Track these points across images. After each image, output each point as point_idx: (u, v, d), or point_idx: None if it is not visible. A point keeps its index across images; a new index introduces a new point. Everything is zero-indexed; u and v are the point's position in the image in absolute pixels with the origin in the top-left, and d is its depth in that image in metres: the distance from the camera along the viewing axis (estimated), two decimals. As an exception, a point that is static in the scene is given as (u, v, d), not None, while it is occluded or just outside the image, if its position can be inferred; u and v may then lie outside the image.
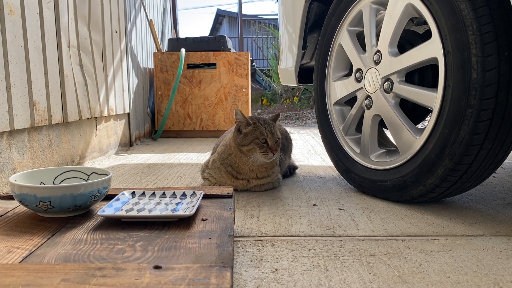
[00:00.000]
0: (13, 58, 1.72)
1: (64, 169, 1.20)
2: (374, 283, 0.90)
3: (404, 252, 1.08)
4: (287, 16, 2.23)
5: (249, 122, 1.65)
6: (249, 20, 12.11)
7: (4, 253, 0.82)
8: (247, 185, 1.73)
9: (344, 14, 1.76)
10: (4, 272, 0.70)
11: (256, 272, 0.96)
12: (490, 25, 1.18)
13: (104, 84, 2.72)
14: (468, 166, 1.29)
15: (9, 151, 1.72)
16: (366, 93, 1.65)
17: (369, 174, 1.63)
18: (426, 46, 1.37)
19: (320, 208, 1.49)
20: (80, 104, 2.32)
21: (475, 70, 1.20)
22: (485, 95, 1.19)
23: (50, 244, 0.87)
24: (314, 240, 1.17)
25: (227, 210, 1.09)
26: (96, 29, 2.60)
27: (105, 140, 2.81)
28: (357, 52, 1.71)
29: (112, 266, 0.72)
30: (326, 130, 1.92)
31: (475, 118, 1.22)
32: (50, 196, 0.98)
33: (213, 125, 3.97)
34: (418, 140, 1.41)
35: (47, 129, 2.04)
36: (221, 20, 18.47)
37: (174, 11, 5.33)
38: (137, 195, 1.18)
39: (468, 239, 1.17)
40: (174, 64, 3.88)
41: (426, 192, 1.41)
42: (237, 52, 3.93)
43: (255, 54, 11.38)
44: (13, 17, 1.72)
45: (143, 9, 3.81)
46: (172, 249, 0.83)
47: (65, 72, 2.17)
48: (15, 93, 1.72)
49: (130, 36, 3.41)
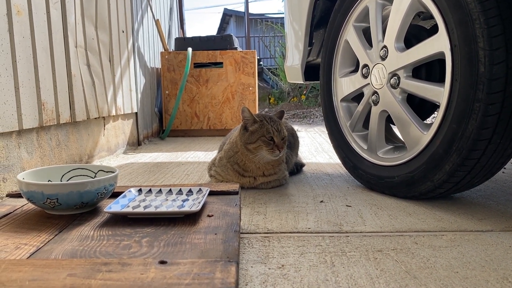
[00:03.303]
0: (21, 58, 1.73)
1: (72, 167, 1.21)
2: (381, 279, 0.90)
3: (412, 247, 1.07)
4: (293, 14, 2.22)
5: (256, 119, 1.65)
6: (256, 19, 12.08)
7: (12, 249, 0.83)
8: (254, 183, 1.73)
9: (350, 10, 1.75)
10: (12, 267, 0.71)
11: (263, 268, 0.96)
12: (498, 18, 1.17)
13: (112, 83, 2.73)
14: (476, 161, 1.27)
15: (18, 150, 1.74)
16: (373, 89, 1.64)
17: (376, 170, 1.62)
18: (433, 40, 1.36)
19: (327, 205, 1.48)
20: (88, 104, 2.34)
21: (483, 64, 1.19)
22: (493, 89, 1.18)
23: (57, 240, 0.88)
24: (321, 236, 1.17)
25: (233, 206, 1.09)
26: (103, 29, 2.62)
27: (113, 139, 2.82)
28: (364, 48, 1.70)
29: (117, 261, 0.72)
30: (333, 127, 1.91)
31: (483, 112, 1.20)
32: (57, 193, 0.99)
33: (220, 124, 3.98)
34: (426, 135, 1.40)
35: (55, 128, 2.06)
36: (228, 19, 18.47)
37: (181, 11, 5.34)
38: (143, 192, 1.19)
39: (476, 235, 1.16)
40: (181, 64, 3.88)
41: (434, 188, 1.39)
42: (243, 51, 3.93)
43: (263, 53, 11.35)
44: (20, 17, 1.73)
45: (150, 9, 3.83)
46: (178, 244, 0.84)
47: (73, 72, 2.19)
48: (23, 93, 1.74)
49: (137, 36, 3.42)
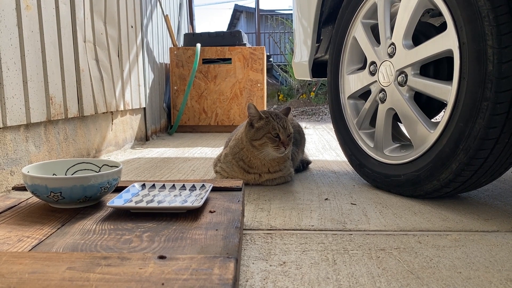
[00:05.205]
0: (30, 52, 1.74)
1: (76, 161, 1.21)
2: (383, 277, 0.89)
3: (415, 247, 1.06)
4: (301, 10, 2.21)
5: (262, 116, 1.64)
6: (267, 15, 12.05)
7: (15, 241, 0.84)
8: (259, 179, 1.73)
9: (358, 7, 1.74)
10: (13, 260, 0.71)
11: (264, 264, 0.96)
12: (507, 15, 1.14)
13: (120, 79, 2.74)
14: (483, 160, 1.26)
15: (26, 144, 1.75)
16: (380, 87, 1.63)
17: (382, 168, 1.61)
18: (441, 38, 1.34)
19: (331, 203, 1.48)
20: (96, 99, 2.35)
21: (491, 62, 1.17)
22: (501, 87, 1.16)
23: (60, 234, 0.88)
24: (324, 234, 1.16)
25: (236, 203, 1.09)
26: (112, 24, 2.62)
27: (121, 134, 2.84)
28: (371, 45, 1.68)
29: (117, 256, 0.72)
30: (340, 124, 1.90)
31: (490, 111, 1.18)
32: (60, 187, 0.99)
33: (228, 120, 3.98)
34: (433, 134, 1.39)
35: (63, 122, 2.07)
36: (239, 15, 18.45)
37: (191, 6, 5.34)
38: (147, 187, 1.19)
39: (482, 235, 1.14)
40: (190, 59, 3.89)
41: (441, 187, 1.38)
42: (252, 47, 3.92)
43: (273, 50, 11.33)
44: (29, 12, 1.75)
45: (159, 5, 3.83)
46: (178, 240, 0.84)
47: (81, 67, 2.20)
48: (32, 87, 1.75)
49: (146, 31, 3.43)
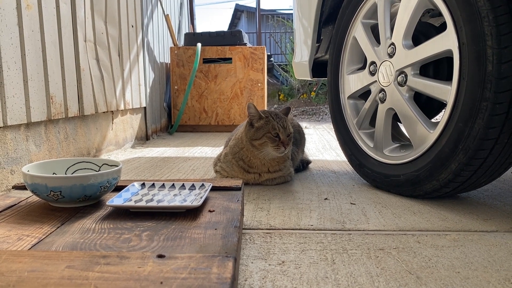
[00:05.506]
0: (30, 52, 1.75)
1: (76, 160, 1.22)
2: (381, 277, 0.89)
3: (414, 246, 1.06)
4: (301, 10, 2.21)
5: (261, 116, 1.64)
6: (268, 15, 12.04)
7: (14, 240, 0.84)
8: (259, 179, 1.73)
9: (359, 7, 1.74)
10: (12, 258, 0.72)
11: (263, 264, 0.96)
12: (507, 15, 1.15)
13: (121, 78, 2.75)
14: (482, 160, 1.26)
15: (26, 143, 1.76)
16: (380, 87, 1.63)
17: (382, 168, 1.61)
18: (441, 38, 1.34)
19: (331, 202, 1.48)
20: (96, 98, 2.35)
21: (491, 62, 1.17)
22: (500, 88, 1.16)
23: (59, 232, 0.88)
24: (323, 233, 1.16)
25: (235, 202, 1.09)
26: (113, 24, 2.63)
27: (121, 133, 2.84)
28: (371, 45, 1.69)
29: (116, 255, 0.73)
30: (340, 124, 1.91)
31: (490, 111, 1.18)
32: (60, 186, 1.00)
33: (229, 119, 3.98)
34: (432, 134, 1.39)
35: (64, 122, 2.08)
36: (240, 15, 18.45)
37: (191, 6, 5.34)
38: (147, 186, 1.19)
39: (480, 235, 1.15)
40: (191, 59, 3.89)
41: (440, 187, 1.38)
42: (253, 47, 3.92)
43: (273, 49, 11.32)
44: (30, 11, 1.75)
45: (160, 4, 3.84)
46: (177, 239, 0.84)
47: (82, 66, 2.20)
48: (32, 86, 1.76)
49: (147, 30, 3.43)
